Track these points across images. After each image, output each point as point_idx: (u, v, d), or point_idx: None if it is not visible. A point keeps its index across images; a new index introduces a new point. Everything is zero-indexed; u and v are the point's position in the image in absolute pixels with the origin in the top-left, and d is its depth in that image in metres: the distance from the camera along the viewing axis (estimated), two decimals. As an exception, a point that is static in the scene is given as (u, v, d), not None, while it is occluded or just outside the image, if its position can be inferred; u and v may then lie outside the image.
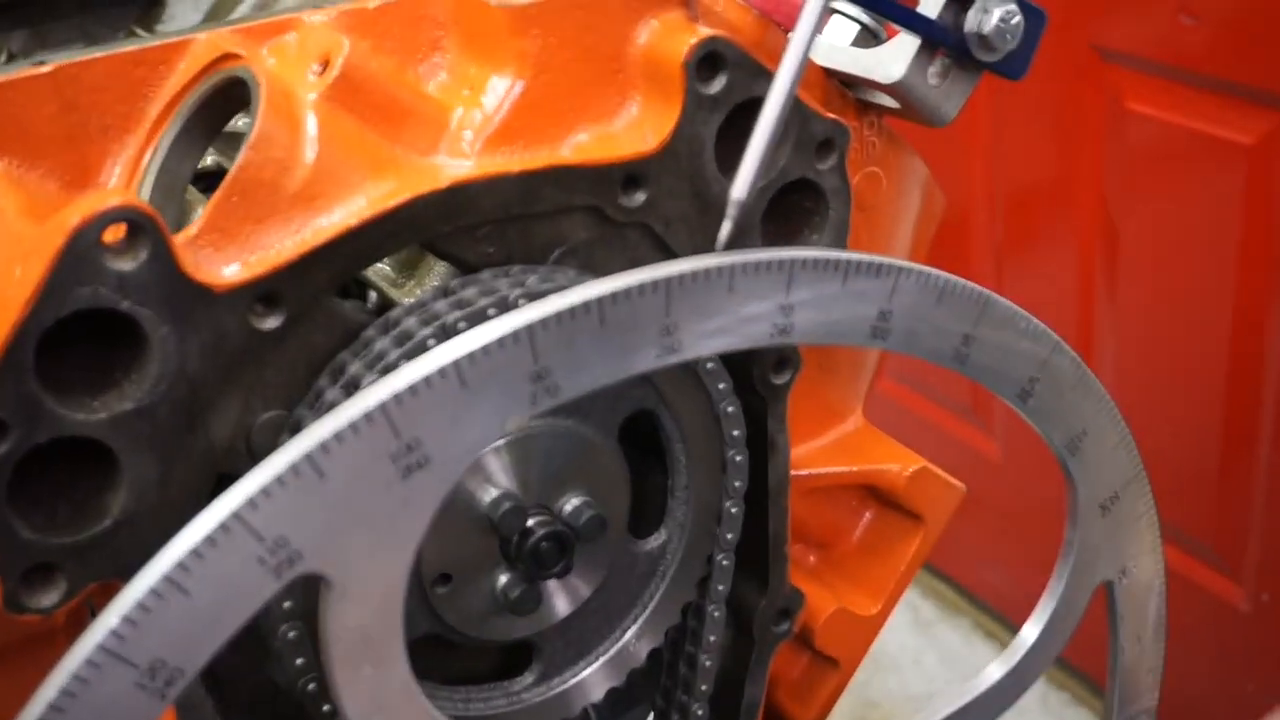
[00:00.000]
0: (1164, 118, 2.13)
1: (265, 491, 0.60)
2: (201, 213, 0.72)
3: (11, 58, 1.39)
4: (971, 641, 2.91)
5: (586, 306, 0.66)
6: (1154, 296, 2.27)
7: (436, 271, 0.90)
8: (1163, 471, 0.89)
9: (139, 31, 1.46)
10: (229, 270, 0.71)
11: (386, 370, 0.73)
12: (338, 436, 0.61)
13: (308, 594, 0.69)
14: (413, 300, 0.79)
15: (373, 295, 0.95)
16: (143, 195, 0.76)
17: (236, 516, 0.60)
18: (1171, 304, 2.21)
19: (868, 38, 0.93)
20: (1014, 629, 0.93)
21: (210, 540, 0.59)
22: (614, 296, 0.66)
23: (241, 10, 1.40)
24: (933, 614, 2.99)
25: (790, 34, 0.79)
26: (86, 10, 1.45)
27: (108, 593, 0.71)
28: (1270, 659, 2.30)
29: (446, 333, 0.73)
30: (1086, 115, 2.23)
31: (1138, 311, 2.32)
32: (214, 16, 1.45)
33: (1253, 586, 2.23)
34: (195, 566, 0.59)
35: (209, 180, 1.02)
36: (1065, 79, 2.22)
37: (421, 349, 0.73)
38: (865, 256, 0.73)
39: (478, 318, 0.74)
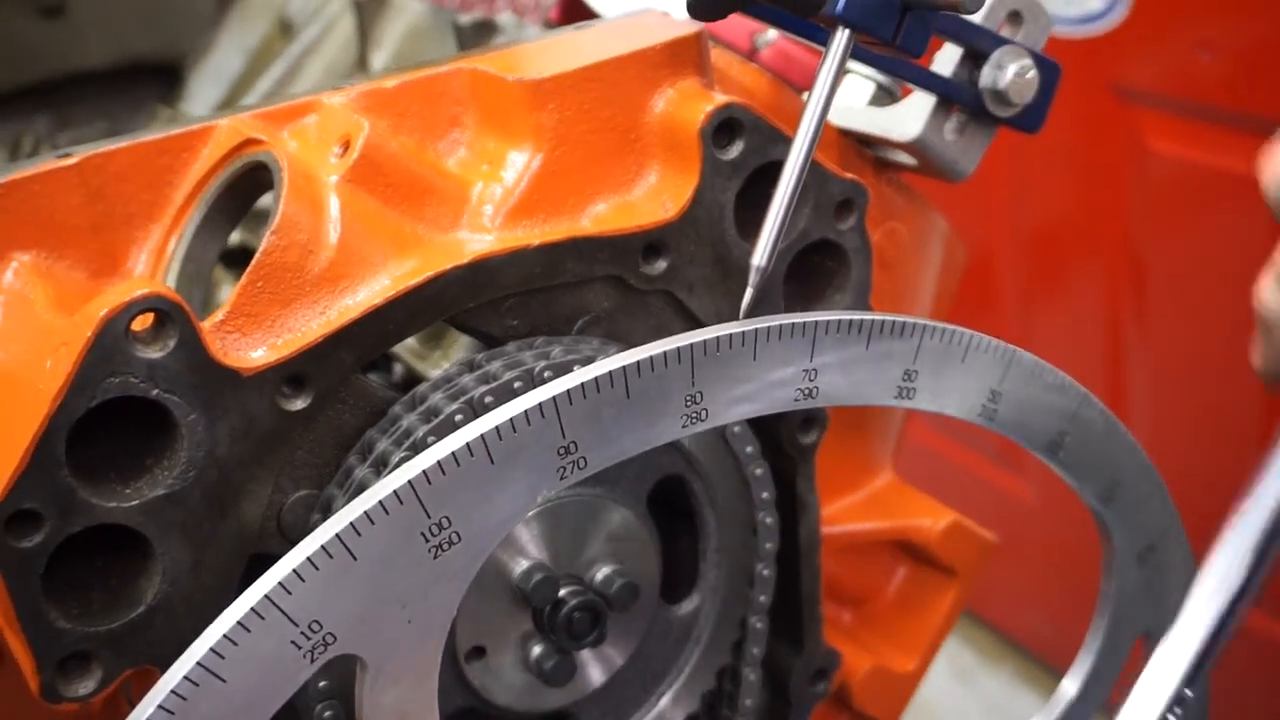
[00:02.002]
0: (1185, 155, 2.13)
1: (298, 575, 0.60)
2: (228, 296, 0.73)
3: (37, 141, 1.43)
4: (1014, 689, 2.87)
5: (611, 379, 0.66)
6: (1185, 334, 2.27)
7: (462, 343, 0.92)
8: (1206, 512, 0.88)
9: (161, 109, 1.50)
10: (256, 354, 0.72)
11: (415, 447, 0.73)
12: (368, 517, 0.62)
13: (344, 672, 0.69)
14: (439, 375, 0.79)
15: (398, 368, 0.96)
16: (169, 282, 0.78)
17: (269, 601, 0.60)
18: (1204, 341, 2.20)
19: (884, 96, 0.94)
20: (1057, 675, 0.92)
21: (244, 626, 0.59)
22: (638, 367, 0.67)
23: (261, 86, 1.44)
24: (973, 662, 2.96)
25: (805, 96, 0.81)
26: (109, 92, 1.48)
27: (143, 678, 0.73)
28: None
29: (474, 408, 0.74)
30: (1108, 155, 2.24)
31: (1169, 350, 2.32)
32: (234, 93, 1.49)
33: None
34: (230, 653, 0.59)
35: (233, 258, 1.05)
36: (1085, 119, 2.22)
37: (449, 425, 0.74)
38: (888, 317, 0.73)
39: (504, 392, 0.75)
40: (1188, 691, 0.79)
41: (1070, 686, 0.91)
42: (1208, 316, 2.19)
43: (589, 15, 1.04)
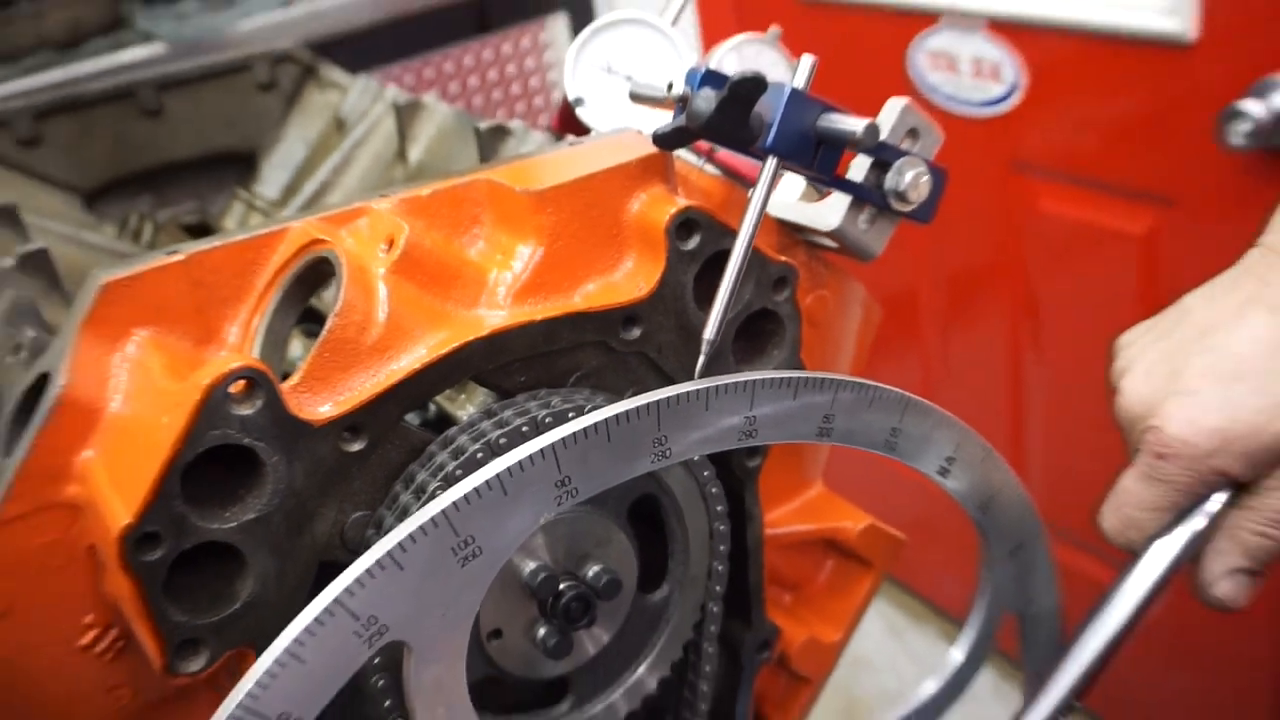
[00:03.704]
0: (1070, 214, 2.14)
1: (359, 582, 0.63)
2: (302, 363, 0.75)
3: (140, 217, 1.46)
4: (936, 644, 2.89)
5: (596, 428, 0.69)
6: (1072, 358, 2.29)
7: (482, 391, 0.94)
8: (1087, 493, 0.91)
9: (240, 191, 1.53)
10: (323, 409, 0.75)
11: (446, 479, 0.76)
12: (411, 537, 0.64)
13: (393, 652, 0.70)
14: (465, 420, 0.81)
15: (432, 408, 0.98)
16: (254, 351, 0.79)
17: (338, 602, 0.63)
18: (1084, 361, 2.21)
19: (811, 193, 0.95)
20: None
21: (319, 621, 0.62)
22: (617, 419, 0.69)
23: (320, 173, 1.45)
24: (903, 623, 2.98)
25: (750, 191, 0.83)
26: (197, 177, 1.51)
27: (240, 658, 0.76)
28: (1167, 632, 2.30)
29: (491, 448, 0.77)
30: (1008, 214, 2.25)
31: (1060, 370, 2.34)
32: (298, 178, 1.51)
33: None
34: (308, 641, 0.62)
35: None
36: (989, 185, 2.24)
37: (473, 462, 0.76)
38: (812, 375, 0.75)
39: (515, 435, 0.77)
40: None
41: (958, 654, 0.95)
42: (1088, 343, 2.21)
43: (581, 125, 1.05)
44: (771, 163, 0.79)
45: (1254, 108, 1.72)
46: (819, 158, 0.80)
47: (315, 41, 2.61)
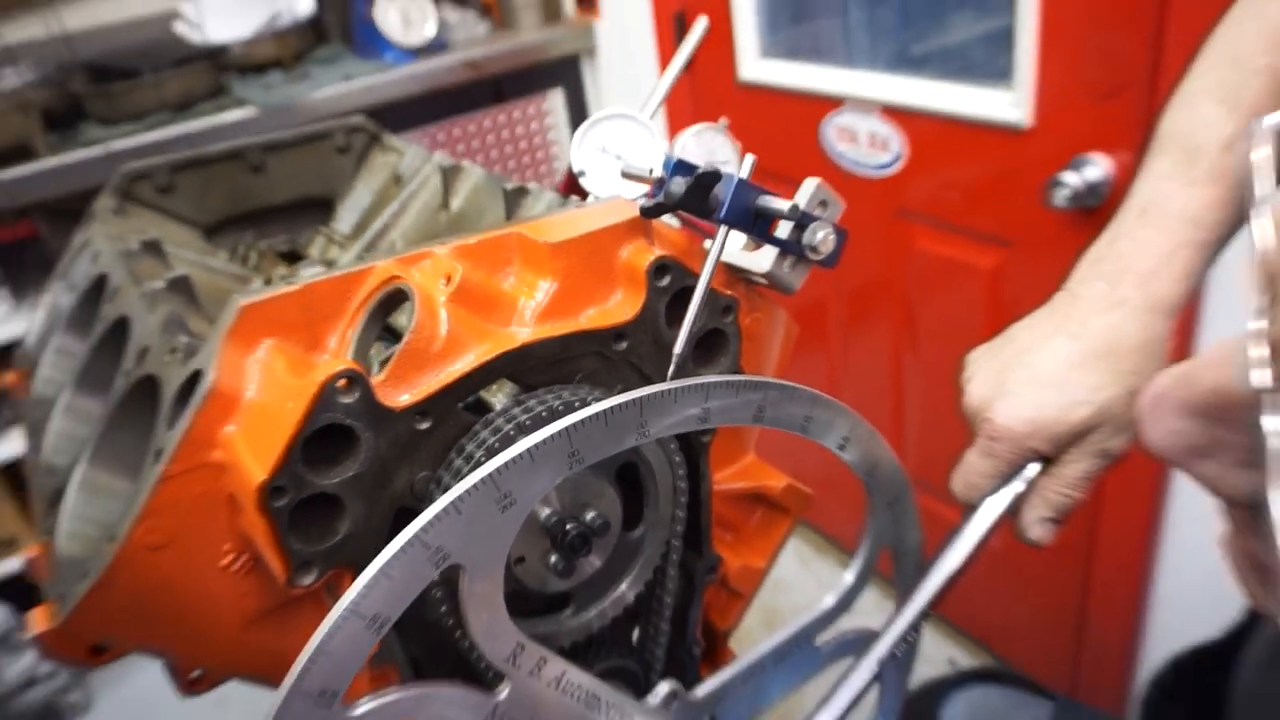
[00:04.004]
0: (939, 252, 2.21)
1: (430, 523, 0.67)
2: (386, 366, 0.79)
3: (246, 247, 1.49)
4: (835, 570, 2.95)
5: (597, 416, 0.72)
6: (939, 360, 2.37)
7: (510, 385, 0.97)
8: (945, 461, 0.93)
9: (321, 228, 1.55)
10: (402, 399, 0.78)
11: (489, 450, 0.79)
12: (467, 492, 0.68)
13: (449, 572, 0.72)
14: (500, 407, 0.84)
15: (471, 396, 1.01)
16: (349, 355, 0.82)
17: (416, 537, 0.66)
18: (948, 364, 2.29)
19: (751, 244, 0.98)
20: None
21: (403, 550, 0.66)
22: (612, 409, 0.73)
23: (384, 216, 1.47)
24: (811, 554, 3.04)
25: (707, 244, 0.88)
26: (289, 217, 1.52)
27: (338, 577, 0.80)
28: (1018, 560, 2.38)
29: (521, 429, 0.80)
30: (894, 250, 2.32)
31: (930, 369, 2.41)
32: (365, 219, 1.52)
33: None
34: (394, 563, 0.65)
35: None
36: (881, 228, 2.31)
37: (507, 438, 0.80)
38: (749, 379, 0.79)
39: (538, 420, 0.81)
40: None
41: (849, 577, 0.99)
42: (949, 348, 2.29)
43: (583, 191, 1.08)
44: (724, 230, 0.83)
45: (1071, 178, 1.80)
46: (757, 224, 0.85)
47: (369, 108, 2.64)
